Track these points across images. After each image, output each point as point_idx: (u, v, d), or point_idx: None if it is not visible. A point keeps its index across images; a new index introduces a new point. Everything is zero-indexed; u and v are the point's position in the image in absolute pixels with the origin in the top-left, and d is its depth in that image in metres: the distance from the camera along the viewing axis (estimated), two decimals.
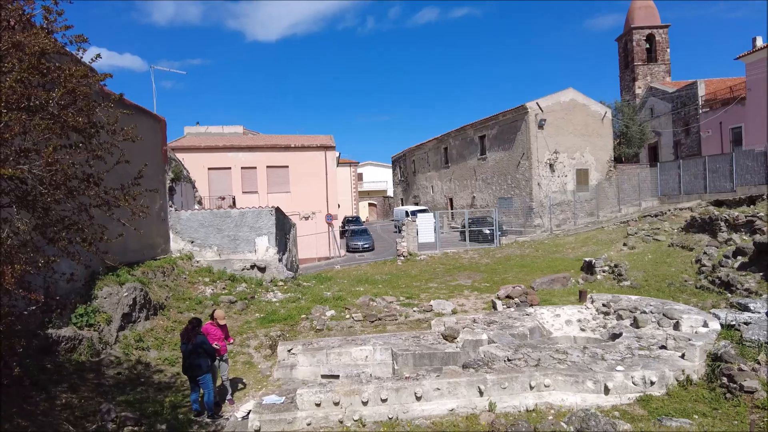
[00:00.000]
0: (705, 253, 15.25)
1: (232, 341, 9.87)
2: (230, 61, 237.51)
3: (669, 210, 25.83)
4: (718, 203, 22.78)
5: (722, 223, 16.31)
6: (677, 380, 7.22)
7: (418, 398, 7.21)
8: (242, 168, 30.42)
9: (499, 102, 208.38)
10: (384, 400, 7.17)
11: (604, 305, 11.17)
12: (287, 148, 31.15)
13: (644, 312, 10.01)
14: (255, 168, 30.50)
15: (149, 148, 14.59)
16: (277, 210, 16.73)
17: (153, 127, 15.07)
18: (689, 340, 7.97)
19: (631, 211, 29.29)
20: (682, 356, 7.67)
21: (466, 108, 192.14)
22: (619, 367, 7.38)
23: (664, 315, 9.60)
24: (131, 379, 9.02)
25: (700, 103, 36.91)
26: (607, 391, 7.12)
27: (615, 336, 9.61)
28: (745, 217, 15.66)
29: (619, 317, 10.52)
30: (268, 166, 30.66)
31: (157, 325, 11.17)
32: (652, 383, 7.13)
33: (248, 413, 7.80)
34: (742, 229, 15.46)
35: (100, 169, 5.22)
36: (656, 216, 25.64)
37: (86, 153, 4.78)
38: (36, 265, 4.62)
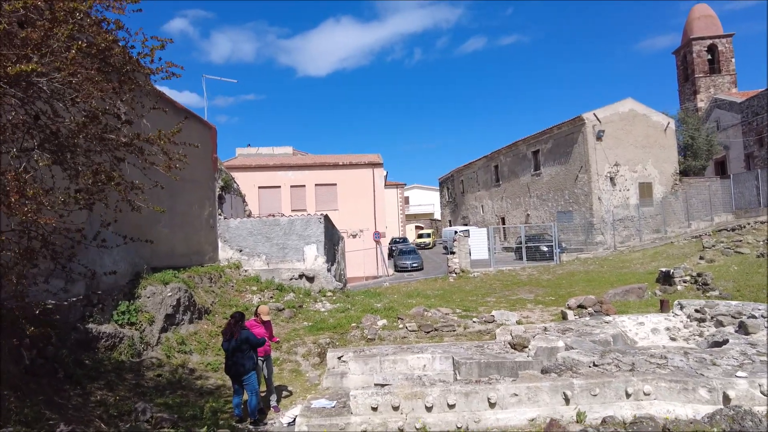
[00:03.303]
0: None
1: (277, 340, 9.11)
2: (282, 95, 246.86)
3: (748, 223, 23.44)
4: None
5: None
6: None
7: (492, 405, 6.12)
8: (291, 186, 30.40)
9: (551, 116, 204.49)
10: (451, 406, 6.13)
11: (697, 311, 9.67)
12: (335, 165, 30.96)
13: (753, 317, 8.50)
14: (304, 186, 30.42)
15: (199, 154, 14.44)
16: (326, 218, 16.14)
17: (203, 134, 14.95)
18: None
19: (702, 226, 26.92)
20: None
21: (515, 124, 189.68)
22: (740, 373, 6.03)
23: None
24: (171, 383, 8.38)
25: None
26: (727, 401, 5.77)
27: (717, 344, 8.15)
28: None
29: (719, 324, 9.02)
30: (316, 184, 30.51)
31: (201, 329, 10.59)
32: None
33: (294, 419, 6.94)
34: None
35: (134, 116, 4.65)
36: (733, 230, 23.33)
37: (113, 85, 4.19)
38: (52, 203, 4.01)
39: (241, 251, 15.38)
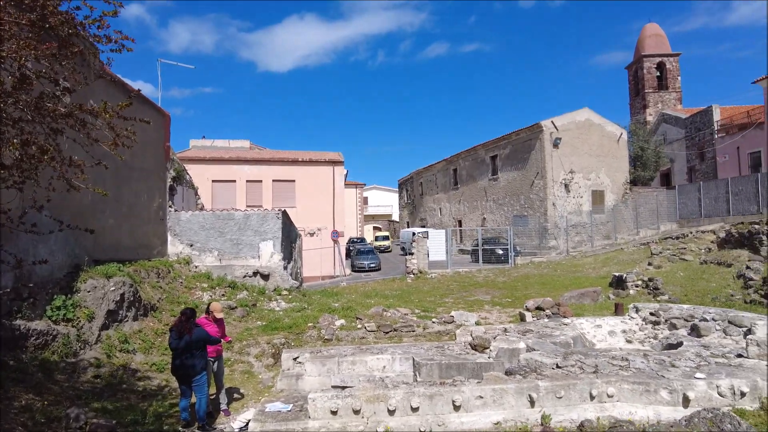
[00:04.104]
0: (749, 267, 14.03)
1: (229, 340, 8.59)
2: (241, 89, 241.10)
3: (690, 232, 24.58)
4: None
5: (765, 237, 15.09)
6: None
7: (457, 408, 5.90)
8: (247, 181, 29.43)
9: (510, 123, 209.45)
10: (415, 409, 5.87)
11: (652, 314, 9.87)
12: (294, 162, 30.25)
13: (705, 320, 8.72)
14: (260, 182, 29.50)
15: (151, 142, 13.64)
16: (284, 214, 15.60)
17: (156, 121, 14.08)
18: None
19: (649, 233, 28.06)
20: None
21: (475, 129, 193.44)
22: (699, 375, 6.08)
23: (729, 323, 8.32)
24: (112, 385, 7.71)
25: (716, 128, 36.08)
26: (687, 402, 5.80)
27: (672, 346, 8.30)
28: None
29: (673, 326, 9.22)
30: (274, 180, 29.67)
31: (147, 327, 9.89)
32: (742, 395, 5.80)
33: (247, 423, 6.49)
34: None
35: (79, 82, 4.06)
36: (677, 238, 24.36)
37: (51, 45, 3.61)
38: None
39: (192, 246, 14.61)
